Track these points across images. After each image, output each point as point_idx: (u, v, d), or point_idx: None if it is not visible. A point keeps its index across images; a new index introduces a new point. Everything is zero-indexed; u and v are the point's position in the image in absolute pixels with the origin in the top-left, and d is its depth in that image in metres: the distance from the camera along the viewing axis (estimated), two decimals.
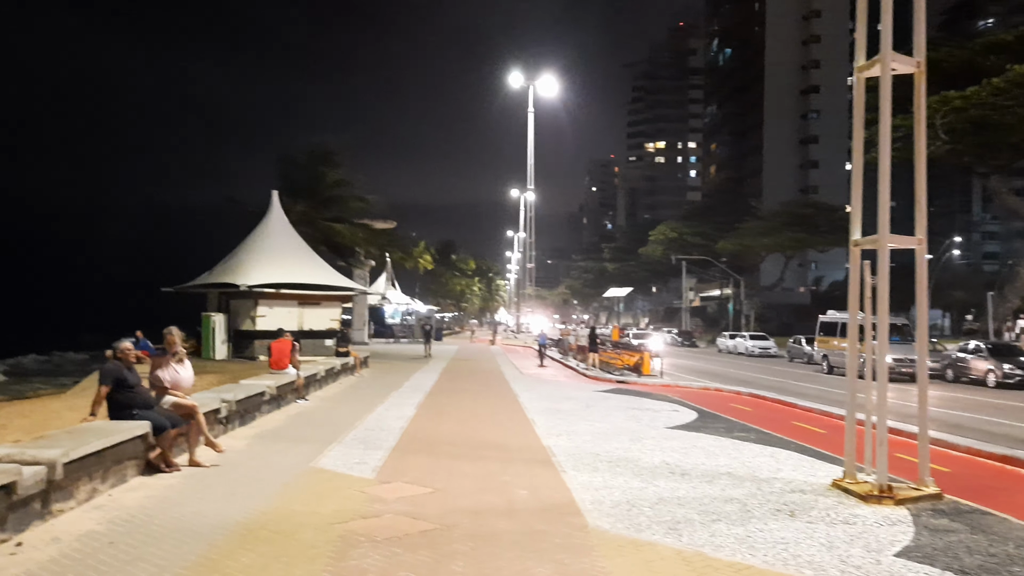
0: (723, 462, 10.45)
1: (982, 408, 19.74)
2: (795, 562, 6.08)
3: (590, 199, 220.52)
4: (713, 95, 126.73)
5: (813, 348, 40.93)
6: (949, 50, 36.18)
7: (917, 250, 8.82)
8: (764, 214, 74.49)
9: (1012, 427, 16.05)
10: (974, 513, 7.86)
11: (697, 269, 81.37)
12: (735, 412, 16.85)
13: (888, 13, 8.28)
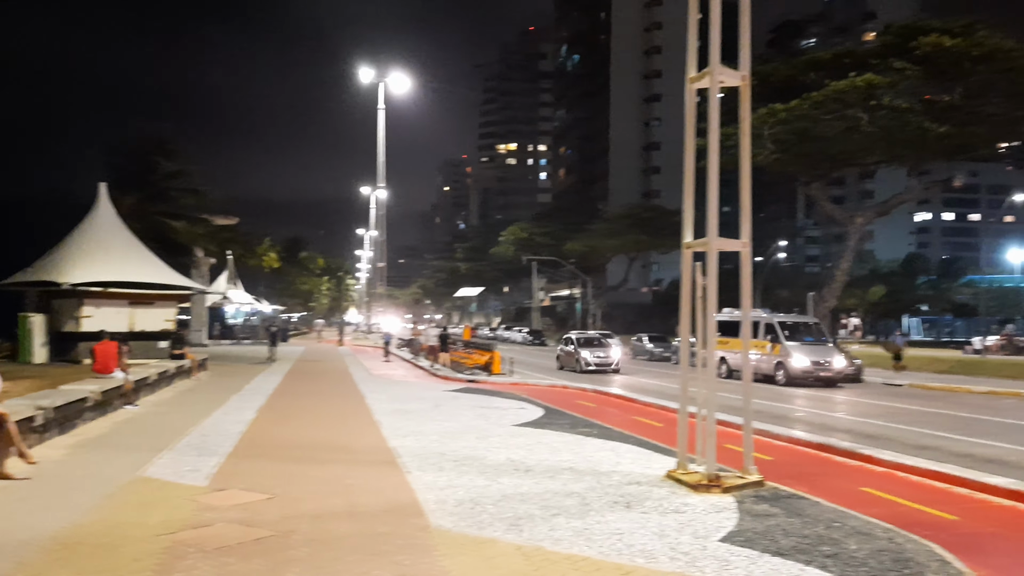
0: (566, 457, 10.71)
1: (804, 400, 21.27)
2: (629, 552, 6.31)
3: (443, 198, 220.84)
4: (562, 99, 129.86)
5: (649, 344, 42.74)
6: (775, 66, 38.77)
7: (742, 253, 9.36)
8: (610, 217, 77.09)
9: (829, 417, 17.39)
10: (791, 498, 8.44)
11: (547, 269, 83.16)
12: (580, 408, 17.32)
13: (716, 29, 8.74)
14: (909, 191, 42.01)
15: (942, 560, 6.21)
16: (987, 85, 31.35)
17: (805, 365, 24.95)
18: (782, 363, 25.44)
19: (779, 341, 25.75)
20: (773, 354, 25.87)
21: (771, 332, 26.21)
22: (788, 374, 25.11)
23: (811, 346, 25.79)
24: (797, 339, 25.98)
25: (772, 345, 25.94)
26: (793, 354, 25.20)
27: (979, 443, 13.47)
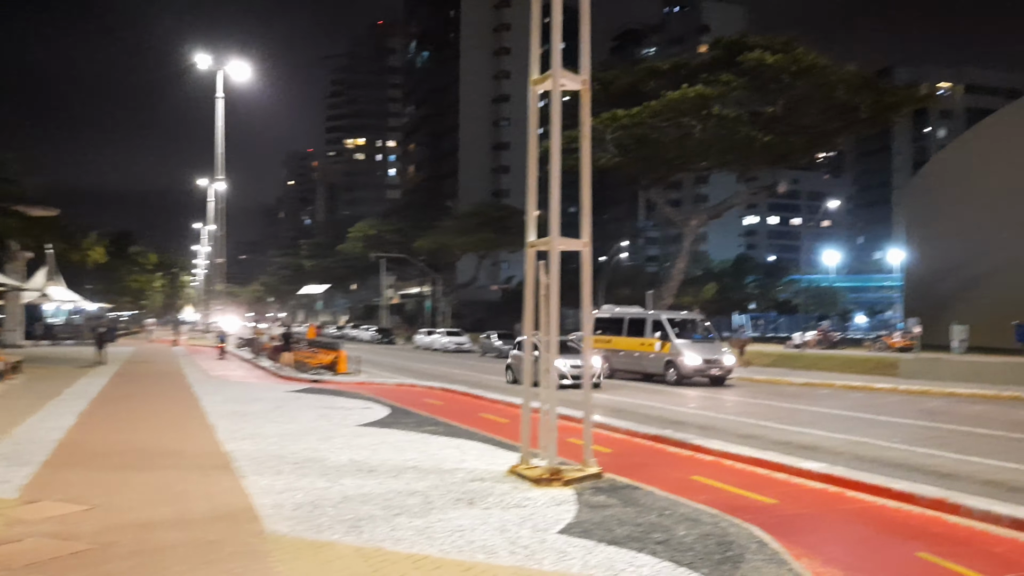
0: (411, 456, 10.64)
1: (641, 394, 22.17)
2: (470, 548, 6.35)
3: (288, 193, 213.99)
4: (412, 95, 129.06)
5: (498, 341, 43.35)
6: (616, 73, 40.31)
7: (583, 252, 9.62)
8: (460, 215, 77.43)
9: (665, 410, 18.21)
10: (627, 488, 8.77)
11: (396, 267, 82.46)
12: (427, 407, 17.27)
13: (557, 33, 8.94)
14: (738, 196, 44.77)
15: (760, 541, 6.64)
16: (804, 99, 33.88)
17: (697, 363, 24.33)
18: (673, 362, 24.66)
19: (669, 339, 24.93)
20: (663, 352, 25.07)
21: (660, 330, 25.46)
22: (679, 373, 24.37)
23: (701, 344, 25.06)
24: (687, 337, 25.23)
25: (662, 343, 25.12)
26: (685, 352, 24.41)
27: (797, 431, 14.54)
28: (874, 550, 6.99)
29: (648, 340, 25.65)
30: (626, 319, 27.37)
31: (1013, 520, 7.51)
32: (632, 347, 26.52)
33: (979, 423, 15.83)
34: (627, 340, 26.74)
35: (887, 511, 8.40)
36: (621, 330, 27.14)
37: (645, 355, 25.79)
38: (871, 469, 10.37)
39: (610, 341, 27.10)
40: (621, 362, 26.98)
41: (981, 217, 38.72)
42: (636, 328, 26.61)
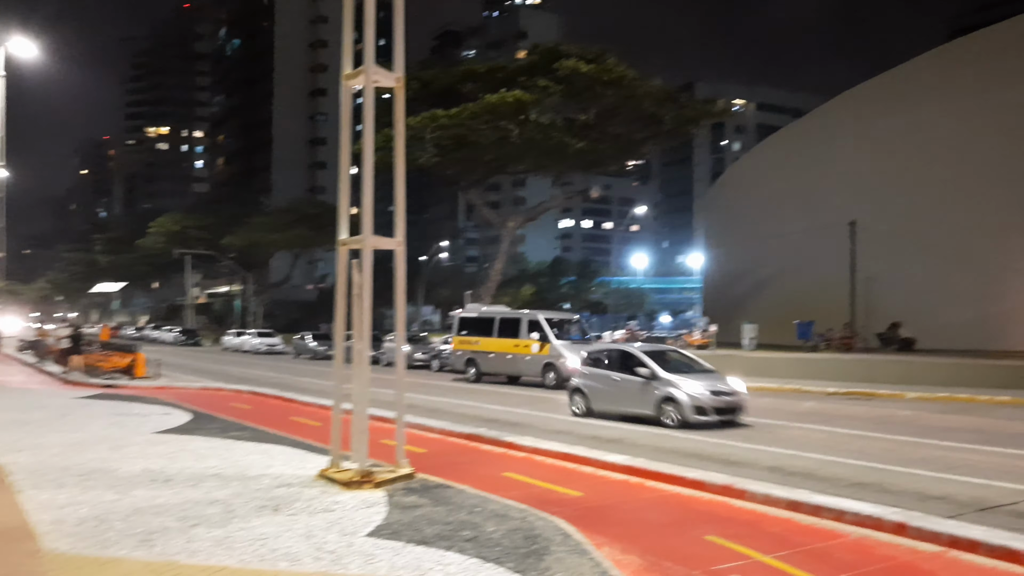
0: (213, 464, 10.11)
1: (460, 393, 22.35)
2: (272, 556, 6.10)
3: (81, 183, 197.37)
4: (222, 84, 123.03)
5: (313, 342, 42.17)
6: (436, 73, 40.46)
7: (397, 251, 9.53)
8: (273, 211, 74.74)
9: (481, 408, 18.44)
10: (439, 488, 8.78)
11: (203, 264, 78.26)
12: (234, 411, 16.50)
13: (371, 27, 8.81)
14: (554, 199, 46.28)
15: (565, 533, 6.86)
16: (614, 108, 35.54)
17: (578, 365, 23.49)
18: (552, 364, 23.06)
19: (548, 340, 23.34)
20: (541, 354, 23.46)
21: (537, 330, 23.83)
22: (560, 376, 22.42)
23: (581, 345, 23.33)
24: (564, 338, 23.76)
25: (540, 345, 23.51)
26: (566, 354, 22.69)
27: (589, 424, 15.19)
28: (669, 535, 7.41)
29: (524, 341, 23.97)
30: (497, 319, 25.72)
31: (789, 502, 8.22)
32: (505, 349, 24.72)
33: (766, 414, 17.22)
34: (498, 341, 24.99)
35: (682, 498, 8.94)
36: (491, 331, 25.41)
37: (520, 357, 24.09)
38: (669, 460, 10.99)
39: (477, 343, 25.55)
40: (491, 365, 25.45)
41: (769, 225, 42.24)
42: (509, 329, 24.83)
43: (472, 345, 25.89)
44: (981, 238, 32.34)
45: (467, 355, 26.15)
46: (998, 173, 31.98)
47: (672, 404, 14.52)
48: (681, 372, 15.27)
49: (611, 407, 15.79)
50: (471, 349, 25.84)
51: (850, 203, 36.26)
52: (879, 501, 8.32)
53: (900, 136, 36.11)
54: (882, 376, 24.30)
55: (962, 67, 34.75)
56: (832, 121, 41.64)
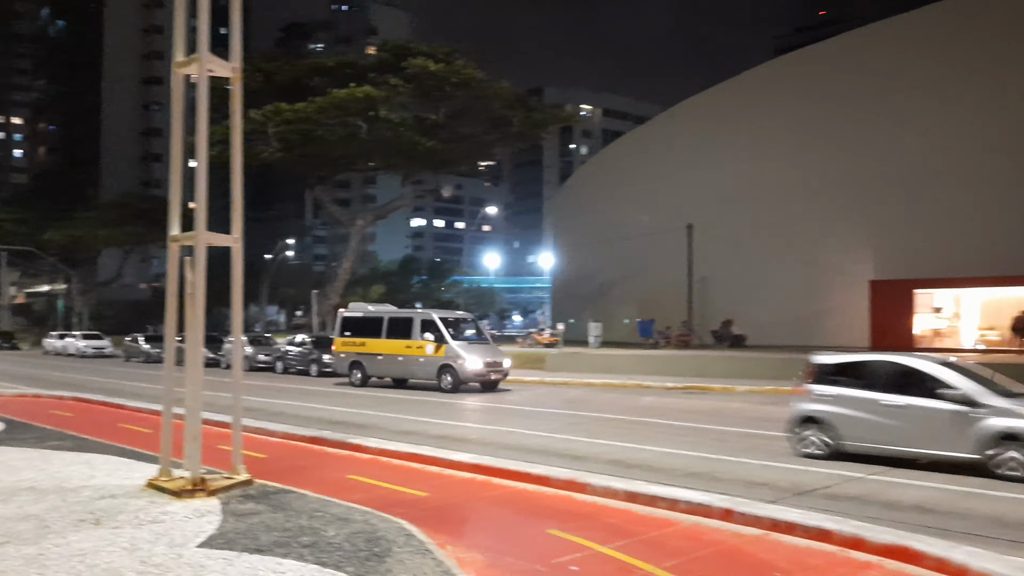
0: (27, 476, 9.30)
1: (305, 396, 21.72)
2: (91, 572, 5.67)
3: None
4: (44, 68, 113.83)
5: (145, 345, 39.88)
6: (281, 65, 39.24)
7: (233, 248, 9.11)
8: (102, 205, 69.97)
9: (324, 410, 18.00)
10: (279, 493, 8.47)
11: (21, 261, 72.14)
12: (54, 419, 15.26)
13: (205, 12, 8.37)
14: (404, 198, 45.87)
15: (409, 534, 6.78)
16: (464, 109, 35.75)
17: (478, 367, 21.71)
18: (449, 366, 21.79)
19: (444, 341, 22.00)
20: (436, 356, 22.05)
21: (432, 330, 22.40)
22: (458, 378, 21.60)
23: (478, 345, 22.55)
24: (460, 338, 22.52)
25: (436, 346, 22.10)
26: (465, 355, 21.67)
27: (450, 424, 15.19)
28: (513, 531, 7.49)
29: (417, 342, 22.51)
30: (386, 319, 24.14)
31: (627, 493, 8.51)
32: (396, 351, 23.14)
33: (609, 409, 17.81)
34: (388, 343, 23.41)
35: (527, 494, 9.06)
36: (379, 331, 23.78)
37: (413, 359, 22.67)
38: (516, 457, 11.13)
39: (364, 344, 23.94)
40: (380, 368, 23.88)
41: (614, 227, 43.77)
42: (400, 329, 23.32)
43: (357, 347, 24.17)
44: (804, 241, 34.88)
45: (351, 358, 24.39)
46: (820, 181, 34.59)
47: None
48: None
49: (882, 443, 10.69)
50: (356, 351, 24.14)
51: (688, 207, 38.16)
52: (710, 489, 8.77)
53: (734, 144, 38.36)
54: (716, 371, 25.71)
55: (787, 82, 37.36)
56: (672, 129, 43.69)
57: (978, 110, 30.54)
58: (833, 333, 33.25)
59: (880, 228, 32.82)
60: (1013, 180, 29.39)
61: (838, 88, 34.41)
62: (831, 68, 35.33)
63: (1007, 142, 29.70)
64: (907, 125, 32.24)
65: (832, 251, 34.07)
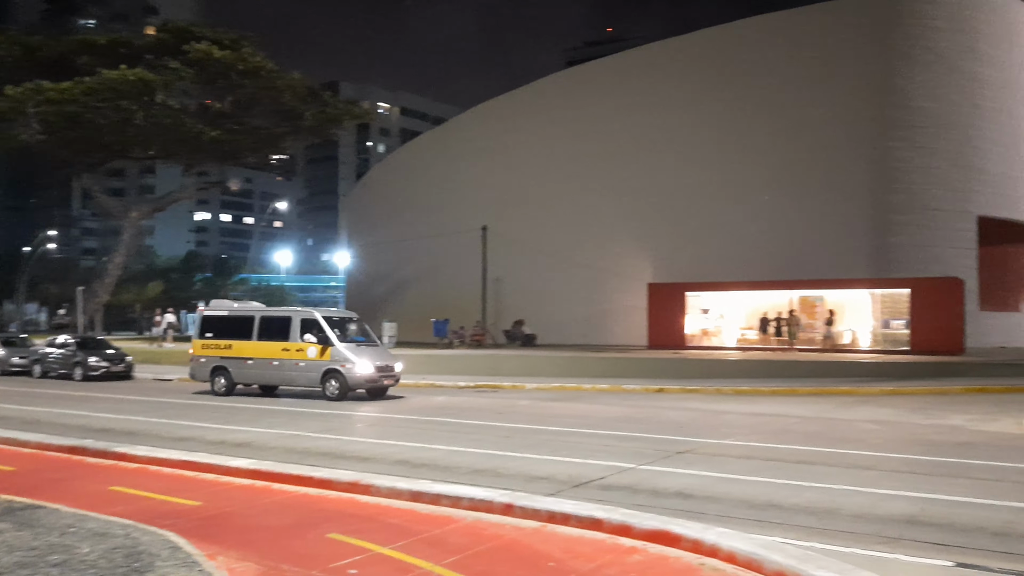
0: None
1: (66, 402, 19.83)
2: None
3: None
4: None
5: None
6: (44, 39, 35.57)
7: None
8: None
9: (89, 418, 16.52)
10: (26, 509, 7.67)
11: None
12: None
13: None
14: (185, 190, 43.20)
15: (175, 546, 6.36)
16: (253, 99, 34.23)
17: (369, 372, 19.72)
18: (336, 371, 19.65)
19: (330, 343, 19.86)
20: (321, 360, 19.93)
21: (314, 331, 20.13)
22: (346, 385, 19.55)
23: (367, 348, 20.58)
24: (348, 340, 20.54)
25: (320, 349, 19.89)
26: (355, 359, 19.61)
27: (232, 429, 14.46)
28: (291, 537, 7.24)
29: (297, 345, 20.19)
30: (257, 318, 21.50)
31: (412, 493, 8.50)
32: (270, 354, 20.61)
33: (399, 410, 17.74)
34: (260, 345, 20.88)
35: (308, 498, 8.81)
36: (249, 332, 21.16)
37: (292, 364, 20.28)
38: (300, 461, 10.80)
39: (230, 347, 21.30)
40: (250, 374, 21.19)
41: (410, 226, 43.72)
42: (276, 330, 20.88)
43: (222, 350, 21.45)
44: (590, 245, 36.69)
45: (214, 363, 21.58)
46: (603, 188, 36.55)
47: None
48: None
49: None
50: (220, 355, 21.42)
51: (484, 208, 38.96)
52: (493, 485, 8.96)
53: (526, 149, 39.62)
54: (507, 369, 26.43)
55: (575, 92, 39.13)
56: (469, 131, 44.36)
57: (737, 130, 33.65)
58: (616, 332, 35.32)
59: (657, 234, 35.22)
60: (769, 195, 32.65)
61: (620, 101, 36.55)
62: (614, 82, 37.46)
63: (762, 160, 32.96)
64: (678, 140, 34.89)
65: (614, 255, 36.07)
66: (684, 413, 16.85)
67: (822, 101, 32.28)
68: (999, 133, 33.86)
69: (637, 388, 21.63)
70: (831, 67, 32.55)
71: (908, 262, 31.07)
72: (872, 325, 31.06)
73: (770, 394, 20.35)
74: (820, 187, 32.19)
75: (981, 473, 10.20)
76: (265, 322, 21.30)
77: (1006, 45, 34.46)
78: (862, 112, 32.21)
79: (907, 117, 32.07)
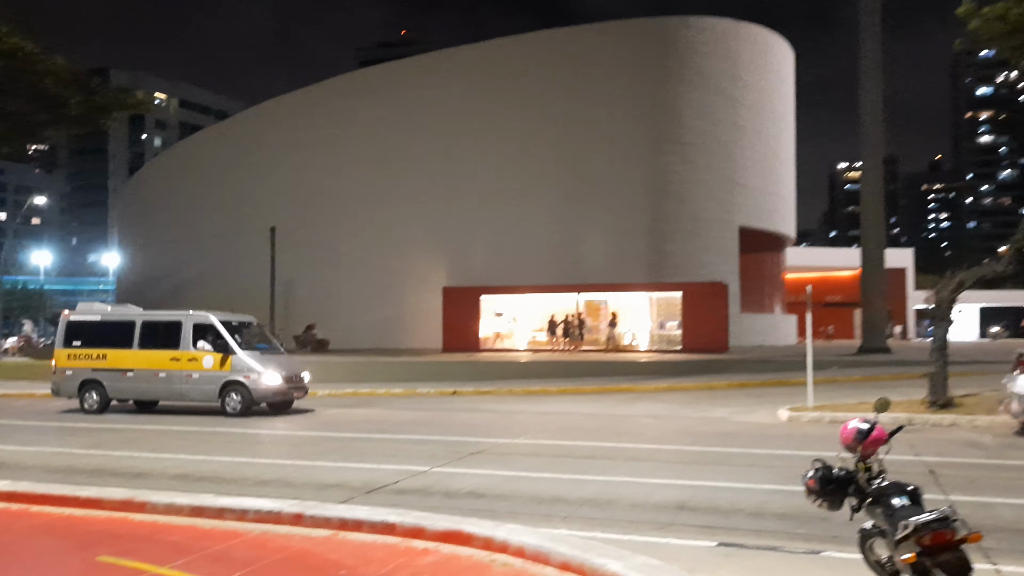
0: None
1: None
2: None
3: None
4: None
5: None
6: None
7: None
8: None
9: None
10: None
11: None
12: None
13: None
14: None
15: None
16: (9, 83, 30.83)
17: (277, 384, 17.53)
18: (238, 383, 17.39)
19: (231, 351, 17.59)
20: (220, 371, 17.52)
21: (210, 337, 17.86)
22: (250, 398, 17.31)
23: (272, 356, 18.38)
24: (251, 347, 18.22)
25: (219, 357, 17.57)
26: (262, 369, 17.43)
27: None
28: (54, 563, 6.62)
29: (189, 354, 17.81)
30: (138, 323, 18.58)
31: (192, 508, 8.01)
32: (155, 364, 18.07)
33: (175, 421, 16.67)
34: (142, 355, 18.28)
35: (74, 519, 8.08)
36: (129, 340, 18.47)
37: (182, 376, 17.83)
38: (64, 479, 9.87)
39: (104, 357, 18.46)
40: (129, 388, 18.52)
41: (191, 225, 41.28)
42: (161, 336, 18.35)
43: (94, 361, 18.59)
44: (385, 248, 36.47)
45: (83, 376, 18.68)
46: (398, 191, 36.47)
47: None
48: None
49: None
50: (92, 366, 18.56)
51: (274, 209, 37.60)
52: (282, 495, 8.65)
53: (318, 148, 38.69)
54: None
55: (369, 93, 38.80)
56: (258, 127, 42.65)
57: (527, 138, 34.90)
58: (412, 336, 35.33)
59: (452, 238, 35.67)
60: (557, 203, 34.10)
61: (415, 104, 36.70)
62: (409, 85, 37.53)
63: (551, 168, 34.40)
64: (472, 146, 35.61)
65: (410, 258, 36.13)
66: (477, 415, 17.19)
67: (604, 114, 34.23)
68: (757, 151, 37.58)
69: (431, 391, 21.77)
70: (612, 83, 34.62)
71: (680, 268, 33.66)
72: (650, 326, 33.31)
73: (558, 393, 21.23)
74: (603, 196, 34.10)
75: (740, 460, 11.24)
76: (148, 328, 18.58)
77: (762, 71, 38.32)
78: (639, 127, 34.52)
79: (679, 133, 34.77)
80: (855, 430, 5.11)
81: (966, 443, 12.50)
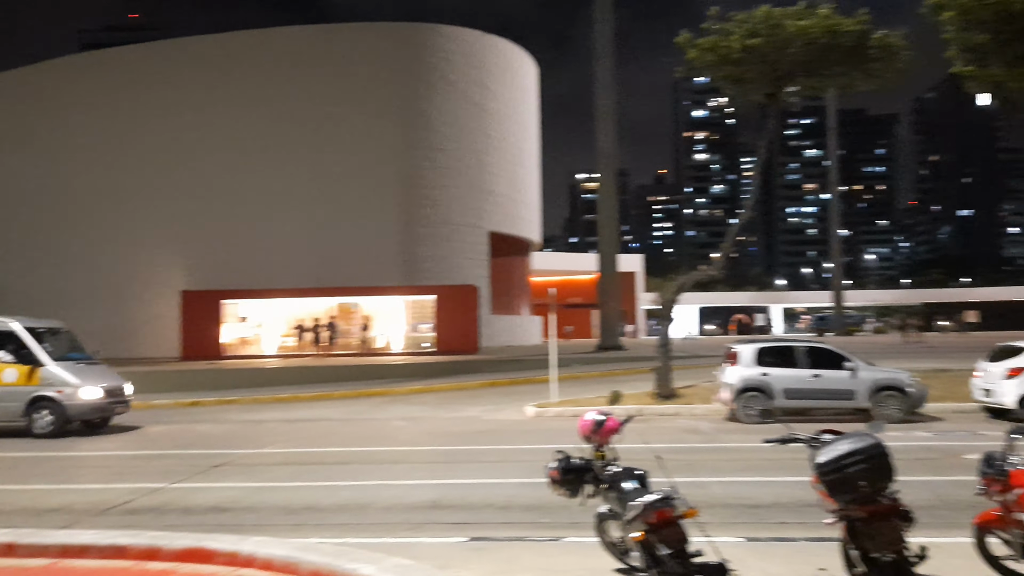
0: None
1: None
2: None
3: None
4: None
5: None
6: None
7: None
8: None
9: None
10: None
11: None
12: None
13: None
14: None
15: None
16: None
17: (97, 398, 15.20)
18: (49, 399, 14.83)
19: (39, 362, 15.05)
20: (26, 385, 14.90)
21: (9, 346, 15.15)
22: (64, 416, 14.82)
23: (89, 366, 15.89)
24: (63, 357, 15.57)
25: (25, 370, 14.97)
26: (73, 381, 15.00)
27: None
28: None
29: None
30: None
31: None
32: None
33: None
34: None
35: None
36: None
37: None
38: None
39: None
40: None
41: None
42: None
43: None
44: (115, 249, 33.42)
45: None
46: (133, 186, 33.58)
47: None
48: None
49: None
50: None
51: None
52: None
53: (36, 138, 34.74)
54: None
55: (94, 80, 35.43)
56: None
57: (278, 137, 33.66)
58: (145, 344, 32.66)
59: (192, 240, 33.44)
60: (307, 204, 33.20)
61: (154, 94, 34.07)
62: (147, 72, 34.74)
63: (303, 169, 33.43)
64: (217, 143, 33.69)
65: (144, 260, 33.44)
66: (221, 425, 16.28)
67: (358, 116, 33.86)
68: (505, 159, 39.08)
69: (168, 403, 20.34)
70: (365, 85, 34.35)
71: (433, 271, 34.14)
72: (404, 329, 33.45)
73: (310, 400, 20.68)
74: (356, 198, 33.70)
75: (491, 456, 11.62)
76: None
77: (508, 83, 39.94)
78: (392, 130, 34.55)
79: (430, 139, 35.26)
80: (592, 422, 5.49)
81: (687, 430, 13.87)
